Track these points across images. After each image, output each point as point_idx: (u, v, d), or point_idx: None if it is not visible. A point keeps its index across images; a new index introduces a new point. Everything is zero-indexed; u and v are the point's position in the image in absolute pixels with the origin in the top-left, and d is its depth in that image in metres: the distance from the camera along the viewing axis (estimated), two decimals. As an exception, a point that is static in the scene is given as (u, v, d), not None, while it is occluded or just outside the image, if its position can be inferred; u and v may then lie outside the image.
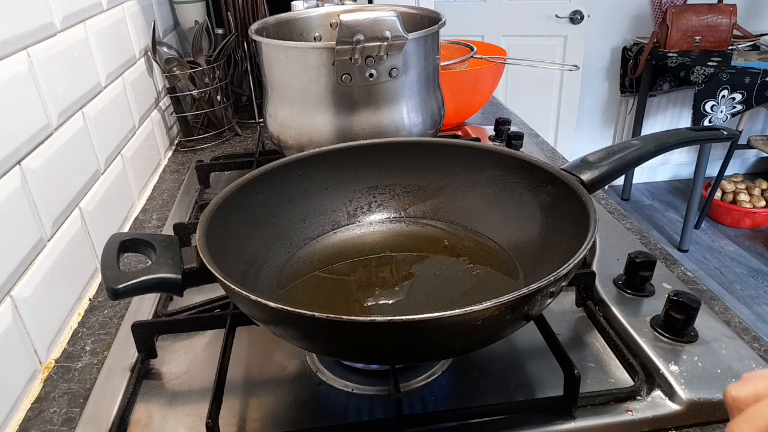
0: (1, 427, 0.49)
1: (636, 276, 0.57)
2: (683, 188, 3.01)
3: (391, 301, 0.53)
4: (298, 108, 0.75)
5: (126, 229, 0.81)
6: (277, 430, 0.47)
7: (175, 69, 1.02)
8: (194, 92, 1.07)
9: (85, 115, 0.72)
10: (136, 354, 0.54)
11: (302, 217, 0.62)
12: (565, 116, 2.65)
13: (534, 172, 0.57)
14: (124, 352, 0.56)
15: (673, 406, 0.46)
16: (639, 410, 0.46)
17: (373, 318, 0.36)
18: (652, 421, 0.46)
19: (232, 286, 0.39)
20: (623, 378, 0.50)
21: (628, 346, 0.52)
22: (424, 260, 0.58)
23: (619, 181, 2.97)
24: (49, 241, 0.60)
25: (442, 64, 0.91)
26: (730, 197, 2.66)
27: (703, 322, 0.53)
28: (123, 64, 0.88)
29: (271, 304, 0.37)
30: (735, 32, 2.43)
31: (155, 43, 1.01)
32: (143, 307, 0.62)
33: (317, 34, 0.90)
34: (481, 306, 0.36)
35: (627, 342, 0.52)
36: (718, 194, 2.67)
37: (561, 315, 0.58)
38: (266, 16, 1.03)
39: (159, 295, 0.63)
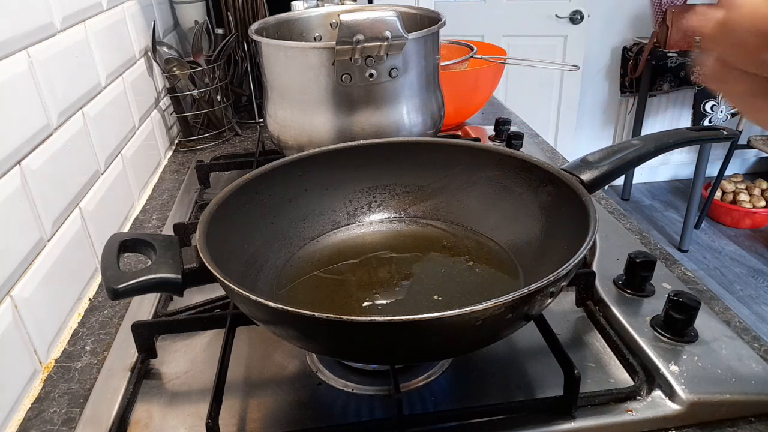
0: (1, 427, 0.49)
1: (636, 276, 0.57)
2: (683, 188, 3.01)
3: (391, 301, 0.53)
4: (298, 108, 0.75)
5: (126, 229, 0.81)
6: (277, 430, 0.47)
7: (175, 69, 1.02)
8: (194, 92, 1.07)
9: (85, 115, 0.72)
10: (136, 354, 0.54)
11: (302, 217, 0.62)
12: (565, 116, 2.65)
13: (534, 172, 0.57)
14: (124, 352, 0.56)
15: (673, 406, 0.46)
16: (639, 410, 0.46)
17: (373, 318, 0.36)
18: (652, 421, 0.46)
19: (232, 286, 0.39)
20: (623, 378, 0.50)
21: (628, 346, 0.52)
22: (424, 260, 0.58)
23: (619, 181, 2.97)
24: (49, 241, 0.60)
25: (442, 64, 0.91)
26: (730, 197, 2.66)
27: (703, 322, 0.53)
28: (123, 64, 0.88)
29: (271, 304, 0.37)
30: (735, 32, 2.43)
31: (155, 43, 1.01)
32: (143, 307, 0.62)
33: (317, 34, 0.90)
34: (481, 306, 0.36)
35: (627, 342, 0.52)
36: (718, 194, 2.67)
37: (561, 315, 0.58)
38: (266, 16, 1.03)
39: (159, 295, 0.63)
